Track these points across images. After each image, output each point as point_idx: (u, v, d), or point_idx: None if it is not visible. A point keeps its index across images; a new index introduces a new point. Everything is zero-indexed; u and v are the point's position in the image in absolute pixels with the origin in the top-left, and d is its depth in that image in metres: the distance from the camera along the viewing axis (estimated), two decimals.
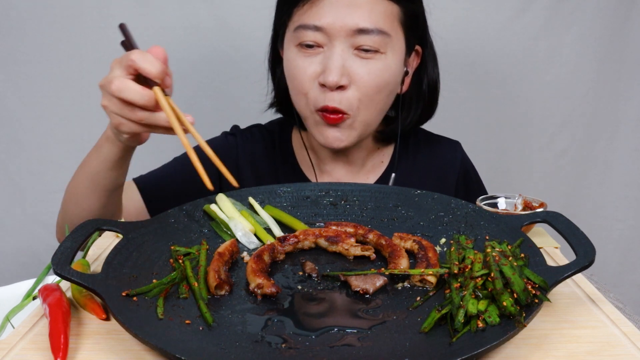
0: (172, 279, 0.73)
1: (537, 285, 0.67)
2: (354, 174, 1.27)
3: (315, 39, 1.08)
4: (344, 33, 1.06)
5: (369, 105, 1.11)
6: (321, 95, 1.09)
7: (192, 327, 0.66)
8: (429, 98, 1.24)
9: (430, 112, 1.26)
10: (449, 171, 1.30)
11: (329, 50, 1.08)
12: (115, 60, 0.86)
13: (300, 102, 1.14)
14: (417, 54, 1.21)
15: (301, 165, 1.28)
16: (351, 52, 1.08)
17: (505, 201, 1.04)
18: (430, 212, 0.92)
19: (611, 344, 0.64)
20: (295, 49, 1.11)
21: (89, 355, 0.63)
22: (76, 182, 1.06)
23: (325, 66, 1.07)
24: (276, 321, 0.68)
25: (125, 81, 0.82)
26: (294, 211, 0.97)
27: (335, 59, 1.06)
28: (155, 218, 0.88)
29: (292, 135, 1.31)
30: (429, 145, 1.31)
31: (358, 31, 1.06)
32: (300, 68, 1.10)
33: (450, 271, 0.73)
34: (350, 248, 0.84)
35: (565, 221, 0.78)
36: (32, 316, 0.71)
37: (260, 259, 0.79)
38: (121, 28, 0.93)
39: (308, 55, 1.10)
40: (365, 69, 1.08)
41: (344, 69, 1.07)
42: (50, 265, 0.89)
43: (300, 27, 1.09)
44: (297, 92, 1.13)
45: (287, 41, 1.14)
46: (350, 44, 1.07)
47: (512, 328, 0.61)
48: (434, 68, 1.23)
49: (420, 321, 0.67)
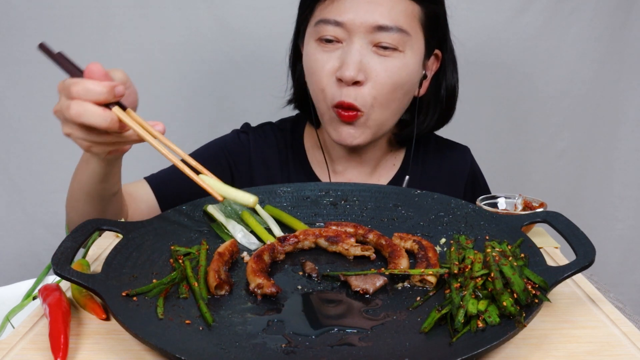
0: (172, 279, 0.73)
1: (537, 285, 0.67)
2: (366, 175, 1.27)
3: (335, 34, 1.09)
4: (364, 29, 1.07)
5: (383, 103, 1.11)
6: (338, 91, 1.10)
7: (192, 327, 0.66)
8: (446, 103, 1.24)
9: (447, 118, 1.26)
10: (459, 176, 1.30)
11: (347, 46, 1.09)
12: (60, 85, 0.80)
13: (318, 97, 1.15)
14: (437, 58, 1.21)
15: (312, 165, 1.28)
16: (370, 48, 1.09)
17: (505, 201, 1.04)
18: (430, 212, 0.92)
19: (611, 344, 0.64)
20: (315, 44, 1.12)
21: (89, 355, 0.63)
22: (72, 192, 1.04)
23: (343, 61, 1.08)
24: (276, 321, 0.68)
25: (82, 104, 0.76)
26: (294, 211, 0.97)
27: (353, 54, 1.07)
28: (155, 218, 0.88)
29: (304, 135, 1.31)
30: (440, 149, 1.32)
31: (377, 28, 1.07)
32: (318, 61, 1.11)
33: (450, 271, 0.73)
34: (350, 248, 0.84)
35: (565, 221, 0.78)
36: (32, 316, 0.71)
37: (260, 259, 0.79)
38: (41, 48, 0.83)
39: (327, 50, 1.11)
40: (383, 66, 1.08)
41: (361, 65, 1.08)
42: (50, 265, 0.89)
43: (321, 22, 1.10)
44: (315, 86, 1.14)
45: (308, 36, 1.15)
46: (369, 40, 1.08)
47: (512, 328, 0.61)
48: (453, 73, 1.23)
49: (420, 321, 0.67)
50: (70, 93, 0.76)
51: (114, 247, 0.77)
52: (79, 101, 0.76)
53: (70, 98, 0.76)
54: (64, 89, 0.78)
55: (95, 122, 0.76)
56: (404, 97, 1.14)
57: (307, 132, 1.31)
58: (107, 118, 0.76)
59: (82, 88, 0.76)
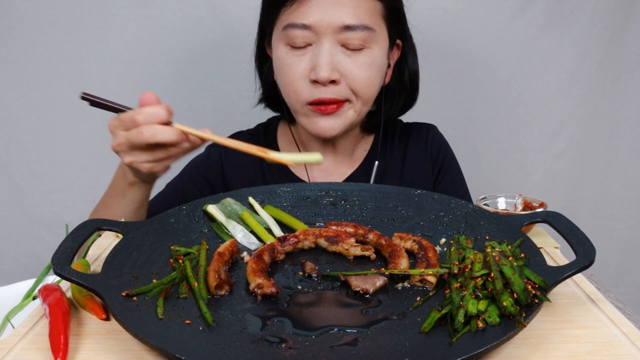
0: (172, 279, 0.73)
1: (537, 285, 0.67)
2: (342, 163, 1.31)
3: (304, 37, 1.11)
4: (331, 30, 1.10)
5: (363, 97, 1.16)
6: (314, 90, 1.13)
7: (192, 327, 0.66)
8: (410, 89, 1.29)
9: (411, 102, 1.32)
10: (425, 153, 1.34)
11: (317, 48, 1.11)
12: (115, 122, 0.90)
13: (291, 97, 1.18)
14: (398, 47, 1.26)
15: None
16: (339, 48, 1.12)
17: (505, 201, 1.04)
18: (430, 212, 0.92)
19: (611, 344, 0.64)
20: (285, 48, 1.14)
21: (89, 355, 0.63)
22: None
23: (315, 63, 1.11)
24: (276, 321, 0.68)
25: (152, 127, 0.86)
26: (294, 211, 0.97)
27: (324, 55, 1.10)
28: (155, 218, 0.88)
29: (277, 135, 1.34)
30: (407, 131, 1.36)
31: (344, 28, 1.10)
32: (290, 66, 1.14)
33: (450, 271, 0.73)
34: (350, 248, 0.84)
35: (565, 221, 0.78)
36: (32, 316, 0.71)
37: (260, 259, 0.79)
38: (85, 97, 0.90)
39: (297, 55, 1.13)
40: (354, 64, 1.12)
41: (333, 64, 1.11)
42: (50, 265, 0.89)
43: (289, 26, 1.12)
44: (287, 88, 1.17)
45: (276, 40, 1.17)
46: (337, 40, 1.11)
47: (512, 328, 0.61)
48: (414, 60, 1.29)
49: (420, 321, 0.67)
50: (136, 121, 0.87)
51: (114, 247, 0.77)
52: (147, 125, 0.86)
53: (136, 126, 0.87)
54: (123, 123, 0.88)
55: (168, 138, 0.87)
56: (376, 89, 1.19)
57: (280, 132, 1.35)
58: (175, 132, 0.87)
59: (147, 114, 0.86)
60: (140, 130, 0.86)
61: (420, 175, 1.31)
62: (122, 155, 0.92)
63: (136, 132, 0.87)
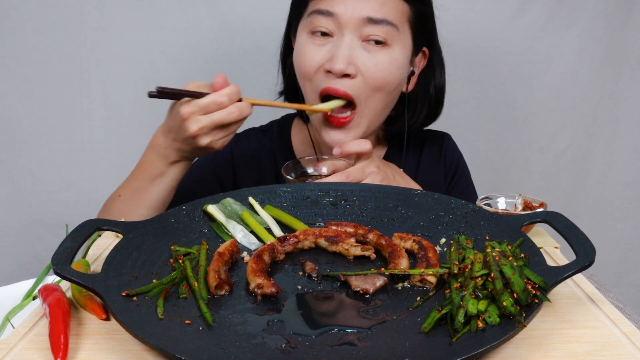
0: (172, 279, 0.73)
1: (537, 285, 0.67)
2: None
3: (327, 26, 1.13)
4: (354, 22, 1.11)
5: (376, 97, 1.15)
6: (325, 80, 1.13)
7: (192, 327, 0.66)
8: (434, 102, 1.28)
9: (434, 116, 1.31)
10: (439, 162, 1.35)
11: (338, 40, 1.12)
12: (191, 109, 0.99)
13: (305, 86, 1.18)
14: (424, 55, 1.25)
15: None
16: (359, 43, 1.12)
17: (505, 201, 1.04)
18: (430, 212, 0.92)
19: (611, 344, 0.64)
20: (307, 36, 1.16)
21: (89, 355, 0.63)
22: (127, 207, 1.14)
23: (332, 54, 1.12)
24: (276, 321, 0.68)
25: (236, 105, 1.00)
26: (294, 211, 0.97)
27: (344, 48, 1.11)
28: (155, 218, 0.88)
29: (291, 134, 1.34)
30: (421, 139, 1.36)
31: (368, 20, 1.11)
32: (308, 53, 1.15)
33: (450, 271, 0.73)
34: (350, 248, 0.84)
35: (565, 221, 0.78)
36: (32, 316, 0.71)
37: (260, 259, 0.79)
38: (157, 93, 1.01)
39: (318, 44, 1.14)
40: (373, 61, 1.12)
41: (351, 58, 1.11)
42: (50, 265, 0.89)
43: (314, 12, 1.14)
44: (302, 76, 1.18)
45: (300, 29, 1.18)
46: (359, 35, 1.12)
47: (512, 328, 0.61)
48: (442, 73, 1.28)
49: (420, 321, 0.67)
50: (222, 104, 0.99)
51: (114, 247, 0.77)
52: (234, 105, 1.00)
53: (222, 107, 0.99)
54: (204, 108, 0.99)
55: (249, 112, 1.02)
56: (393, 92, 1.18)
57: (295, 130, 1.35)
58: (249, 106, 1.02)
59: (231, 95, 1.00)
60: (230, 110, 0.98)
61: (433, 184, 1.30)
62: (201, 138, 0.99)
63: (226, 113, 0.98)
